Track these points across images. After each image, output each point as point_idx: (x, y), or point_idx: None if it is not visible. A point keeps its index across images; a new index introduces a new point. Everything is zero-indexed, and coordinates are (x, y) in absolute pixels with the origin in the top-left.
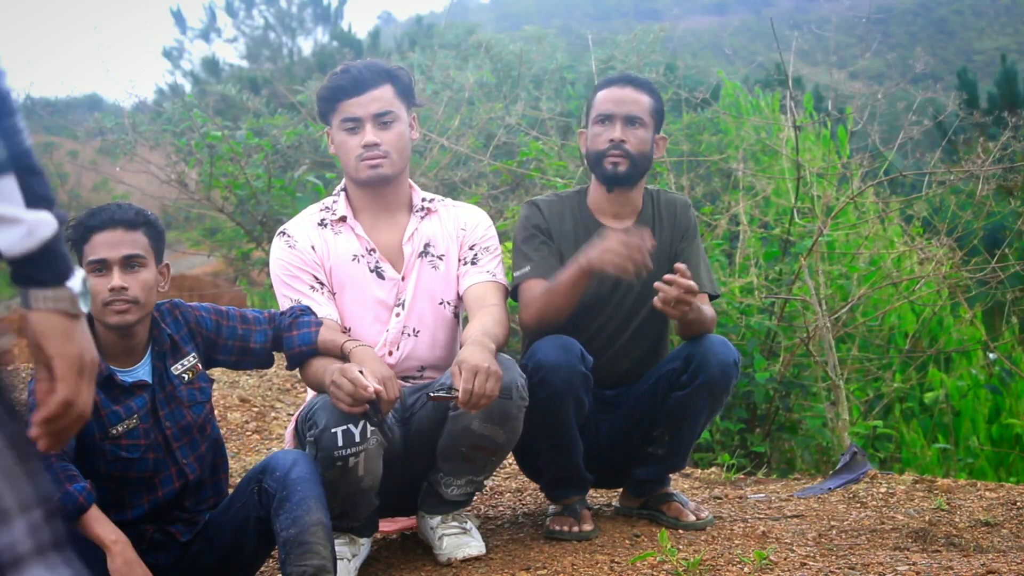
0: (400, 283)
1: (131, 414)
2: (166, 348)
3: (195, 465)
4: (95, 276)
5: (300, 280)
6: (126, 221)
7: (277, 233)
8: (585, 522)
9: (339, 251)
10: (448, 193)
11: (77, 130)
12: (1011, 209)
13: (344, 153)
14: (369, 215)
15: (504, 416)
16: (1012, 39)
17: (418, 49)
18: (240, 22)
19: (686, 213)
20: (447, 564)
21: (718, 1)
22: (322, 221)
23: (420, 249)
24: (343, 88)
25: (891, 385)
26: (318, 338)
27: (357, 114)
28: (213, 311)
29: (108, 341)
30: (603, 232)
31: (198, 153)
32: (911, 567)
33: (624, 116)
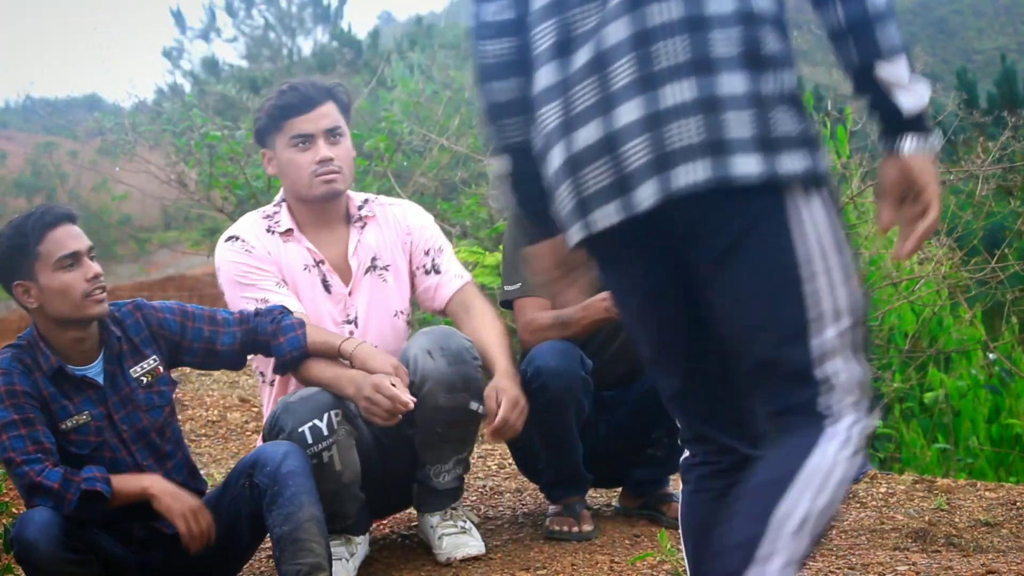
0: (347, 298)
1: (80, 411)
2: (116, 351)
3: (156, 466)
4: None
5: (263, 279)
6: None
7: (225, 239)
8: (585, 522)
9: (291, 259)
10: (448, 193)
11: (77, 130)
12: (1011, 209)
13: (295, 170)
14: (312, 229)
15: (465, 381)
16: (1012, 39)
17: (418, 49)
18: (240, 22)
19: None
20: (447, 564)
21: None
22: (269, 228)
23: (367, 264)
24: (293, 106)
25: (891, 385)
26: (307, 340)
27: (308, 130)
28: (178, 312)
29: (61, 342)
30: None
31: (198, 153)
32: (911, 567)
33: None
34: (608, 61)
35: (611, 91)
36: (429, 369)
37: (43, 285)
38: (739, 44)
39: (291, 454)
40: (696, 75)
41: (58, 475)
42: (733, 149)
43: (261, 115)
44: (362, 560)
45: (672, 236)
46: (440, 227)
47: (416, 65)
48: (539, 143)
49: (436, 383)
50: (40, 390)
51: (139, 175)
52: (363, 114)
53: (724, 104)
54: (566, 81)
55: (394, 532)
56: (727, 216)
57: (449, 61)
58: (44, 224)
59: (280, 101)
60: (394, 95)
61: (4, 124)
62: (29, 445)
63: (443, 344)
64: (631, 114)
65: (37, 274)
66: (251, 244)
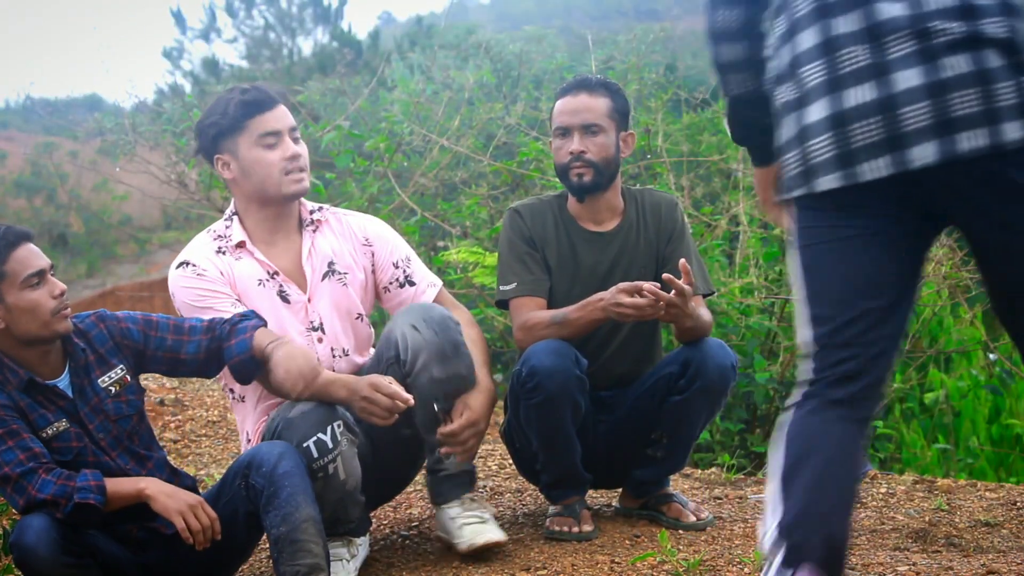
0: (307, 304)
1: (59, 418)
2: (83, 363)
3: (138, 469)
4: None
5: (219, 301)
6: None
7: (176, 265)
8: (585, 522)
9: (243, 276)
10: (448, 193)
11: (77, 130)
12: None
13: (263, 169)
14: (264, 238)
15: (454, 348)
16: None
17: (418, 49)
18: (240, 22)
19: (672, 213)
20: (468, 551)
21: None
22: (219, 249)
23: (324, 269)
24: (259, 102)
25: (891, 385)
26: (254, 343)
27: (276, 127)
28: (142, 322)
29: (24, 356)
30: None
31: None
32: (911, 567)
33: (580, 126)
34: (883, 32)
35: (888, 59)
36: (418, 342)
37: (10, 304)
38: (1003, 28)
39: (286, 455)
40: (971, 51)
41: (50, 485)
42: (1004, 117)
43: (215, 118)
44: (363, 561)
45: (935, 192)
46: (440, 227)
47: (416, 65)
48: (793, 94)
49: (429, 354)
50: (16, 402)
51: (139, 175)
52: (363, 114)
53: (995, 77)
54: (830, 43)
55: (394, 532)
56: (998, 173)
57: (449, 61)
58: (7, 244)
59: (245, 98)
60: (394, 95)
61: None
62: (20, 454)
63: (425, 316)
64: (911, 81)
65: (3, 294)
66: (202, 267)
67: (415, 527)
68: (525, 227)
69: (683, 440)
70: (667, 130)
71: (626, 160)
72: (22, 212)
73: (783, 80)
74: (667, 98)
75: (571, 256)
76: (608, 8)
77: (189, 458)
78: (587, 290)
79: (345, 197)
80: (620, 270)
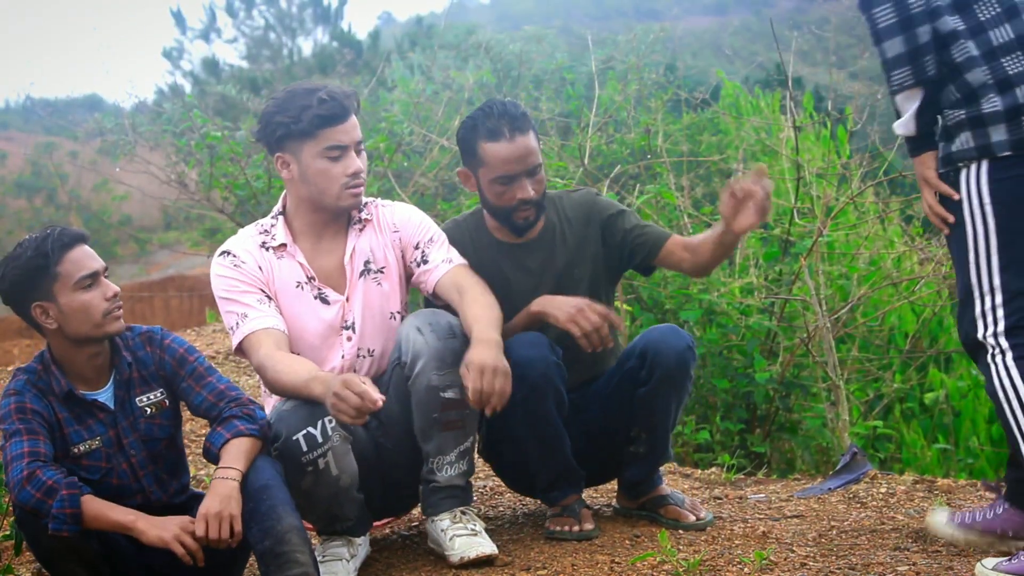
0: (345, 303)
1: (93, 436)
2: (126, 377)
3: (160, 492)
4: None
5: (248, 295)
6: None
7: (219, 253)
8: (586, 521)
9: (283, 276)
10: (448, 193)
11: (77, 130)
12: None
13: (325, 180)
14: (310, 239)
15: (455, 355)
16: None
17: (418, 49)
18: (240, 22)
19: (596, 201)
20: (459, 564)
21: (718, 1)
22: (263, 244)
23: (361, 268)
24: (334, 116)
25: (891, 385)
26: (221, 450)
27: (344, 141)
28: (179, 355)
29: (75, 361)
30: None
31: (198, 153)
32: (911, 567)
33: (527, 171)
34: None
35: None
36: (420, 345)
37: (62, 305)
38: None
39: (261, 468)
40: None
41: (30, 498)
42: None
43: (287, 119)
44: (363, 560)
45: None
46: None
47: (416, 65)
48: (998, 76)
49: (428, 359)
50: (54, 413)
51: (139, 175)
52: (363, 114)
53: None
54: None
55: (394, 532)
56: None
57: (449, 61)
58: (63, 245)
59: (322, 110)
60: (394, 95)
61: (4, 124)
62: (25, 447)
63: (431, 320)
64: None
65: (56, 295)
66: (241, 259)
67: (415, 527)
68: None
69: (660, 430)
70: (667, 130)
71: (626, 160)
72: (22, 212)
73: (974, 65)
74: (667, 98)
75: (497, 273)
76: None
77: (189, 458)
78: (523, 300)
79: None
80: (556, 272)
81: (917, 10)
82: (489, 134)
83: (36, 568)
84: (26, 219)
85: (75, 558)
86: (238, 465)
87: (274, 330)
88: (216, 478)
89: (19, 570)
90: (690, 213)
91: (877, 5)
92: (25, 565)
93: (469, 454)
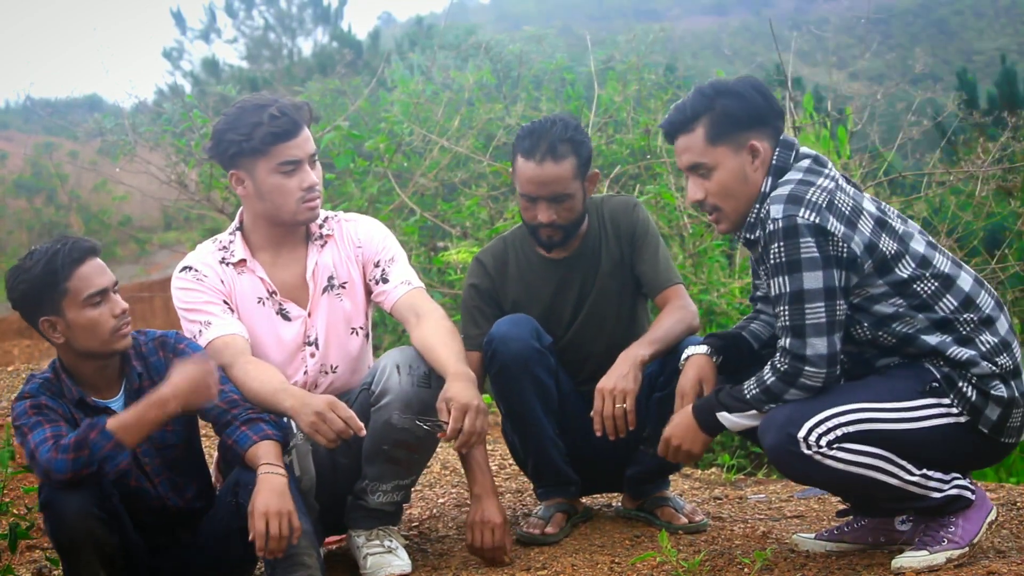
0: (307, 319)
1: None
2: (136, 387)
3: (176, 498)
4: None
5: (211, 304)
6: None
7: (180, 268)
8: (552, 525)
9: (244, 292)
10: (448, 194)
11: (77, 130)
12: (1011, 210)
13: (280, 195)
14: (269, 253)
15: (423, 407)
16: (1012, 39)
17: (418, 50)
18: (240, 23)
19: (629, 216)
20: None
21: (718, 1)
22: (223, 260)
23: (324, 284)
24: (286, 131)
25: None
26: (247, 452)
27: (297, 156)
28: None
29: (83, 372)
30: None
31: (198, 154)
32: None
33: (548, 198)
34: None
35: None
36: (393, 383)
37: (70, 320)
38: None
39: None
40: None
41: (65, 463)
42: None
43: (238, 137)
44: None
45: None
46: (440, 227)
47: (416, 66)
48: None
49: (394, 398)
50: (71, 413)
51: (139, 176)
52: (363, 114)
53: None
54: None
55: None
56: None
57: (449, 62)
58: (72, 260)
59: (273, 127)
60: (394, 96)
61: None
62: (48, 432)
63: (412, 363)
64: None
65: (65, 310)
66: (203, 273)
67: (415, 527)
68: (484, 277)
69: None
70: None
71: (625, 160)
72: (22, 212)
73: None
74: (667, 98)
75: (539, 291)
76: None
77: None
78: (560, 315)
79: (345, 197)
80: (587, 288)
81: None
82: (524, 150)
83: (36, 568)
84: (26, 219)
85: (95, 550)
86: (280, 464)
87: (238, 336)
88: (266, 474)
89: (19, 570)
90: (690, 214)
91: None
92: (25, 565)
93: (406, 489)
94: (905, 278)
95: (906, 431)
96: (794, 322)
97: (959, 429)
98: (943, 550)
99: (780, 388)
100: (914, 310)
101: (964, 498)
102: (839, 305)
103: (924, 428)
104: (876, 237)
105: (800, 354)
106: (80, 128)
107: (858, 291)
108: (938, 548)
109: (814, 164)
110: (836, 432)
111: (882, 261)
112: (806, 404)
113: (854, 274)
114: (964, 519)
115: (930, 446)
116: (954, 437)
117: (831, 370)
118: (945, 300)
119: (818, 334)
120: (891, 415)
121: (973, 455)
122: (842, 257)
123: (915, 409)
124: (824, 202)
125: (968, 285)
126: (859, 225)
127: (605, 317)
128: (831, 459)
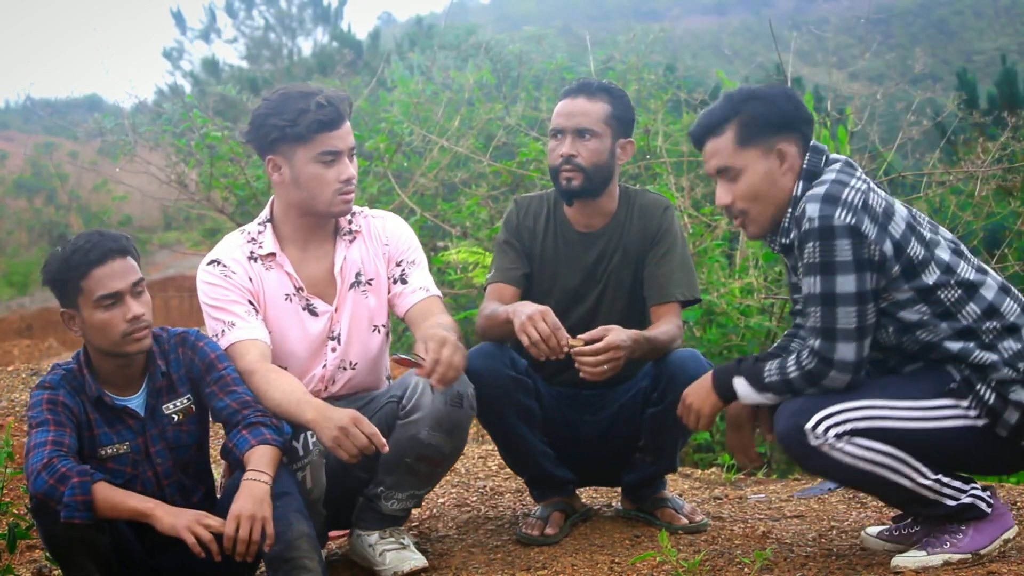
0: (333, 314)
1: (123, 440)
2: (158, 387)
3: (182, 502)
4: (107, 311)
5: (237, 304)
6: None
7: (207, 261)
8: (551, 526)
9: (272, 288)
10: (448, 194)
11: (77, 130)
12: (1011, 209)
13: (318, 185)
14: (298, 247)
15: (453, 425)
16: (1012, 39)
17: (418, 50)
18: (240, 23)
19: (659, 217)
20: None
21: (718, 1)
22: (251, 254)
23: (351, 280)
24: (331, 121)
25: None
26: (243, 456)
27: (339, 147)
28: (209, 361)
29: (105, 368)
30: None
31: (198, 154)
32: (912, 567)
33: (573, 129)
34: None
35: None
36: (425, 401)
37: (84, 318)
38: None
39: (280, 477)
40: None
41: (43, 483)
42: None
43: (282, 122)
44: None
45: None
46: (440, 227)
47: (416, 66)
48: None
49: (426, 415)
50: (85, 412)
51: (139, 176)
52: (363, 114)
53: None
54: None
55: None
56: None
57: (449, 62)
58: (89, 261)
59: (320, 115)
60: (394, 96)
61: (4, 124)
62: (49, 436)
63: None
64: None
65: (80, 307)
66: (231, 269)
67: (415, 527)
68: (516, 218)
69: (668, 447)
70: (667, 130)
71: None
72: (22, 212)
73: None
74: (667, 98)
75: (554, 254)
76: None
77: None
78: (565, 288)
79: None
80: (599, 272)
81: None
82: (564, 92)
83: (36, 568)
84: (26, 219)
85: (87, 551)
86: (269, 471)
87: (260, 341)
88: (248, 479)
89: (19, 570)
90: (690, 213)
91: None
92: (25, 565)
93: (420, 497)
94: (930, 284)
95: (919, 430)
96: (825, 324)
97: (975, 432)
98: (943, 553)
99: (801, 385)
100: (937, 318)
101: (977, 508)
102: (869, 309)
103: (938, 428)
104: (905, 241)
105: (828, 358)
106: (80, 128)
107: (885, 295)
108: (938, 551)
109: (846, 166)
110: (844, 426)
111: (909, 265)
112: (820, 397)
113: (883, 276)
114: (976, 530)
115: (944, 447)
116: (970, 440)
117: (856, 376)
118: (968, 308)
119: (847, 339)
120: (904, 413)
121: (990, 459)
122: (874, 260)
123: (930, 409)
124: (859, 202)
125: (992, 293)
126: (890, 227)
127: (614, 305)
128: (839, 452)
